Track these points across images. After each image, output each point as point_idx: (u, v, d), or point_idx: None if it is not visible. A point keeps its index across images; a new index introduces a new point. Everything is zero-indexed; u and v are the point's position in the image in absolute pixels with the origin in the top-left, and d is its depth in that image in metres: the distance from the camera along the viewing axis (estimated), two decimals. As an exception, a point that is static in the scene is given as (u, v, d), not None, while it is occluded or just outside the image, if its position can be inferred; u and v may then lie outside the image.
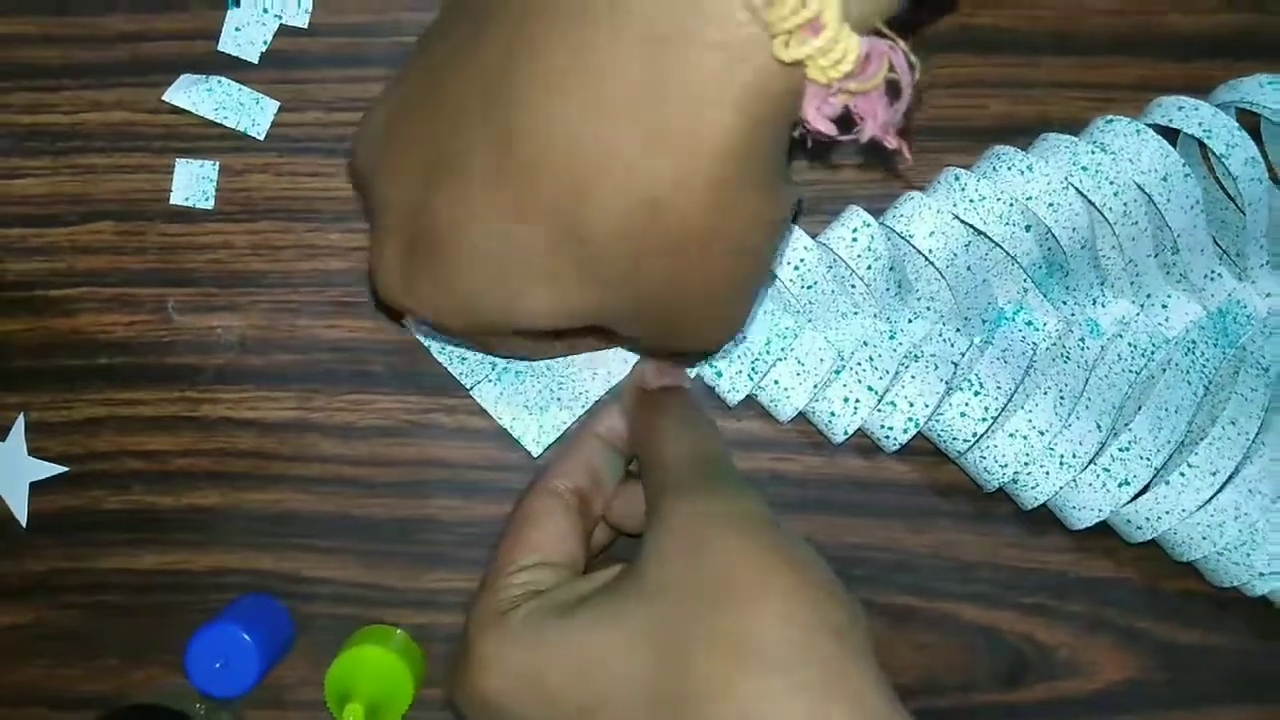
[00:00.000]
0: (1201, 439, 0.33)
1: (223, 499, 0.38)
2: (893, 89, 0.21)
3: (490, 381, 0.37)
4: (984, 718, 0.38)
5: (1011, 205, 0.33)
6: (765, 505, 0.29)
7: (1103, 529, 0.35)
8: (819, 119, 0.21)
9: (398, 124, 0.27)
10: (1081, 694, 0.38)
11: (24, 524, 0.38)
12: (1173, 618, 0.38)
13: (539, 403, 0.37)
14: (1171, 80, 0.35)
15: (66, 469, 0.38)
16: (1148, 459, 0.33)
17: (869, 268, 0.34)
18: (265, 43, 0.35)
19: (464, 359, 0.37)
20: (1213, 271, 0.35)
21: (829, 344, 0.35)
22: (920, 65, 0.21)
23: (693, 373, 0.36)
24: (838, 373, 0.35)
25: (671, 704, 0.26)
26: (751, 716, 0.25)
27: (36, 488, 0.38)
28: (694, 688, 0.26)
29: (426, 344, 0.37)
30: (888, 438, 0.35)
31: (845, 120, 0.21)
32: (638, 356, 0.36)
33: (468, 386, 0.37)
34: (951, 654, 0.38)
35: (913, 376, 0.34)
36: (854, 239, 0.34)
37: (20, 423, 0.38)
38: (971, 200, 0.33)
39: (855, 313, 0.35)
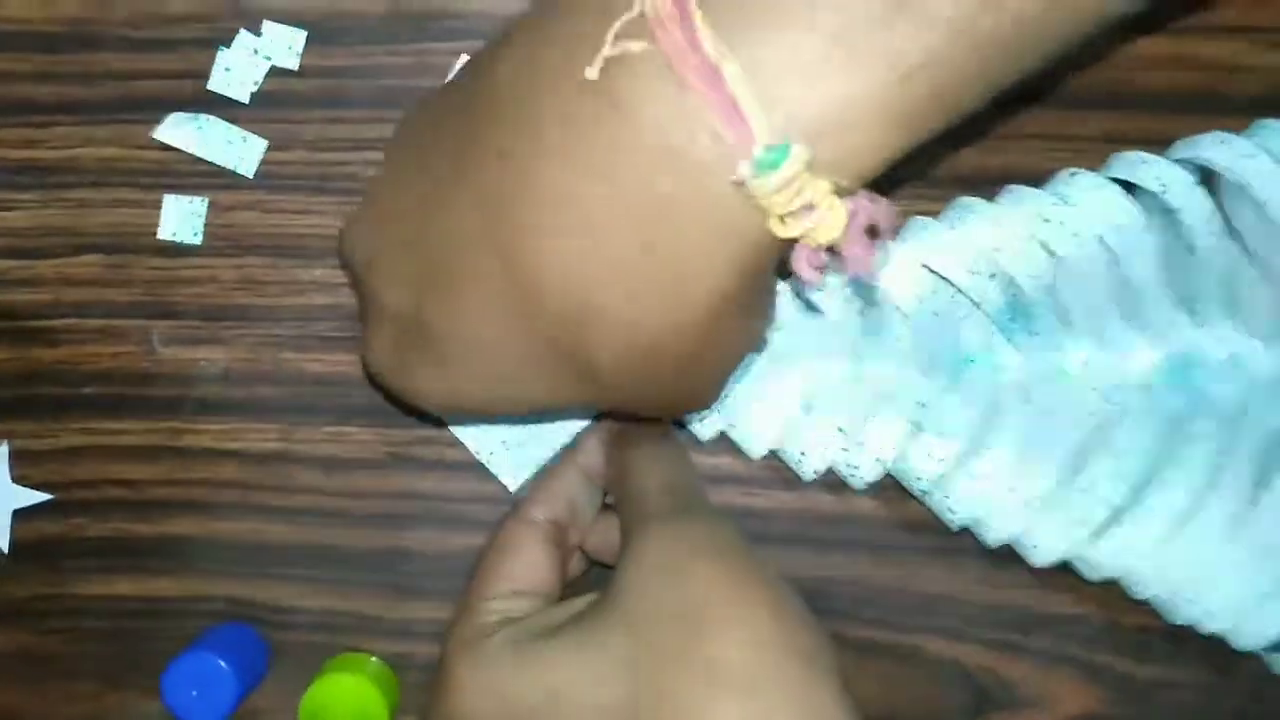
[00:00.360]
0: (1158, 481, 0.34)
1: (203, 528, 0.38)
2: (873, 230, 0.22)
3: (469, 417, 0.37)
4: (947, 751, 0.38)
5: (977, 254, 0.34)
6: (737, 533, 0.30)
7: (1065, 565, 0.36)
8: (808, 271, 0.22)
9: (390, 223, 0.27)
10: (1043, 727, 0.38)
11: (6, 550, 0.38)
12: (1132, 652, 0.38)
13: (516, 438, 0.37)
14: (1136, 134, 0.36)
15: (49, 497, 0.38)
16: (1106, 501, 0.34)
17: (839, 311, 0.35)
18: (256, 83, 0.36)
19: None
20: (1172, 319, 0.36)
21: (799, 384, 0.36)
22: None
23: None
24: (807, 412, 0.36)
25: None
26: None
27: (19, 515, 0.38)
28: (665, 712, 0.26)
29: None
30: (855, 477, 0.36)
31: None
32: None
33: (446, 422, 0.37)
34: (916, 687, 0.38)
35: (880, 418, 0.35)
36: (825, 283, 0.35)
37: (4, 450, 0.38)
38: (939, 248, 0.34)
39: (825, 354, 0.36)
